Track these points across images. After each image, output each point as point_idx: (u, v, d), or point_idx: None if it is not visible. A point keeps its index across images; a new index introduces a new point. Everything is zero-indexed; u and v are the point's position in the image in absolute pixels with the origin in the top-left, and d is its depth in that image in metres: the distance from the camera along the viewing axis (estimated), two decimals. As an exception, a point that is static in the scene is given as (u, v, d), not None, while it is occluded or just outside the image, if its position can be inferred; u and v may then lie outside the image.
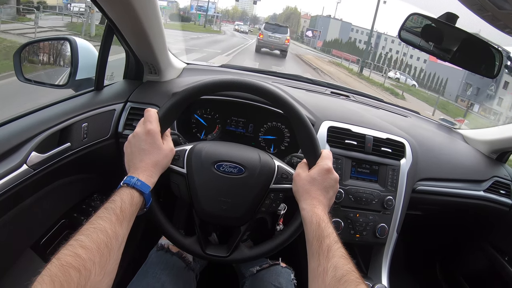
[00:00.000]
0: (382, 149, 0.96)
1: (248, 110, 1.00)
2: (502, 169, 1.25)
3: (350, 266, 0.49)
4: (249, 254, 0.68)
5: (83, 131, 0.84)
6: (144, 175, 0.58)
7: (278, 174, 0.67)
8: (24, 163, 0.68)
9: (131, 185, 0.55)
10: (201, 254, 0.67)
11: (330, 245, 0.52)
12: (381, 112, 1.23)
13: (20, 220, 0.73)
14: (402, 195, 0.96)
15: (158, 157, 0.61)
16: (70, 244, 0.44)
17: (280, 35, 15.31)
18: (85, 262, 0.42)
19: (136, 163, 0.59)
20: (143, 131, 0.61)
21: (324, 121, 0.96)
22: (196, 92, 0.67)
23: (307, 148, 0.67)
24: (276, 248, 0.68)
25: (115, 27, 0.83)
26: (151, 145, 0.60)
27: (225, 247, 0.69)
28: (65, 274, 0.40)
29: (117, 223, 0.49)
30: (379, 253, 0.97)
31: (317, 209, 0.58)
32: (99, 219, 0.48)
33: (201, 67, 1.24)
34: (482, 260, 1.36)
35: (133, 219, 0.54)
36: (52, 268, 0.40)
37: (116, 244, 0.48)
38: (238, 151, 0.69)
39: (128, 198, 0.53)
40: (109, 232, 0.47)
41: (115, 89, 0.97)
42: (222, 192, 0.66)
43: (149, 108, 0.64)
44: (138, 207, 0.55)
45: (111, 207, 0.50)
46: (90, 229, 0.46)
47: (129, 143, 0.62)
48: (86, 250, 0.43)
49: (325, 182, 0.62)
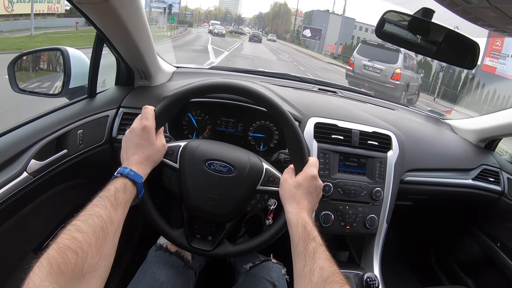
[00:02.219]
0: (369, 142, 0.98)
1: (237, 110, 1.03)
2: (491, 157, 1.28)
3: (334, 268, 0.51)
4: (232, 250, 0.72)
5: (78, 138, 0.87)
6: (136, 166, 0.61)
7: (266, 176, 0.71)
8: (24, 170, 0.71)
9: (124, 174, 0.58)
10: (186, 246, 0.71)
11: (315, 247, 0.55)
12: (368, 106, 1.25)
13: (21, 225, 0.76)
14: (390, 186, 0.99)
15: (151, 151, 0.64)
16: (67, 229, 0.45)
17: (383, 66, 8.13)
18: (82, 244, 0.44)
19: (130, 156, 0.63)
20: (139, 127, 0.65)
21: (311, 117, 0.99)
22: (192, 93, 0.70)
23: (293, 150, 0.70)
24: (261, 244, 0.71)
25: (104, 36, 0.86)
26: (145, 140, 0.64)
27: (210, 242, 0.73)
28: (63, 255, 0.41)
29: (111, 209, 0.51)
30: (370, 244, 1.00)
31: (302, 213, 0.61)
32: (94, 206, 0.50)
33: (190, 70, 1.27)
34: (474, 246, 1.39)
35: (127, 206, 0.56)
36: (50, 251, 0.41)
37: (112, 228, 0.50)
38: (229, 152, 0.73)
39: (121, 186, 0.56)
40: (104, 217, 0.49)
41: (108, 95, 1.00)
42: (211, 188, 0.69)
43: (147, 105, 0.68)
44: (131, 195, 0.58)
45: (105, 195, 0.53)
46: (86, 215, 0.48)
47: (126, 138, 0.66)
48: (82, 234, 0.45)
49: (310, 188, 0.65)
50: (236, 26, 73.08)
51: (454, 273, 1.45)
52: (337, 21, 44.68)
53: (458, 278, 1.42)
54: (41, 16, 15.02)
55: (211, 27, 34.80)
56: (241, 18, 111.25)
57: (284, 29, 75.93)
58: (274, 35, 54.80)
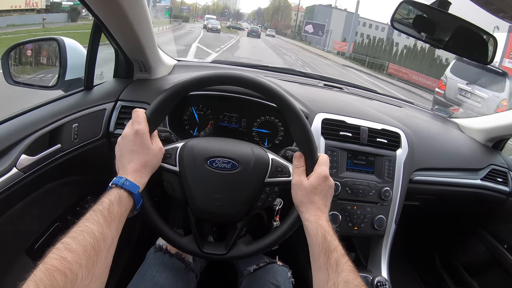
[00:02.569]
0: (378, 140, 0.95)
1: (240, 105, 0.99)
2: (499, 157, 1.25)
3: (359, 280, 0.49)
4: (247, 251, 0.67)
5: (73, 132, 0.83)
6: (133, 175, 0.57)
7: (273, 167, 0.66)
8: (13, 166, 0.67)
9: (119, 185, 0.54)
10: (198, 253, 0.66)
11: (338, 258, 0.52)
12: (375, 103, 1.22)
13: (12, 224, 0.72)
14: (399, 186, 0.95)
15: (147, 157, 0.60)
16: (57, 247, 0.43)
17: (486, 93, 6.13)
18: (71, 265, 0.41)
19: (125, 164, 0.59)
20: (132, 132, 0.60)
21: (318, 113, 0.96)
22: (183, 88, 0.66)
23: (302, 145, 0.66)
24: (274, 242, 0.67)
25: (102, 25, 0.81)
26: (140, 146, 0.60)
27: (223, 245, 0.68)
28: (50, 278, 0.39)
29: (105, 224, 0.48)
30: (378, 245, 0.97)
31: (321, 221, 0.59)
32: (86, 221, 0.47)
33: (192, 63, 1.23)
34: (481, 248, 1.36)
35: (123, 220, 0.53)
36: (38, 273, 0.39)
37: (105, 247, 0.46)
38: (230, 146, 0.68)
39: (116, 198, 0.52)
40: (96, 234, 0.46)
41: (105, 88, 0.96)
42: (216, 188, 0.65)
43: (137, 109, 0.64)
44: (127, 207, 0.54)
45: (99, 208, 0.49)
46: (77, 231, 0.45)
47: (119, 145, 0.61)
48: (72, 253, 0.42)
49: (325, 190, 0.62)
50: (234, 22, 67.48)
51: (459, 274, 1.43)
52: (340, 16, 42.46)
53: (463, 279, 1.40)
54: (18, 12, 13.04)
55: (206, 22, 30.93)
56: (240, 14, 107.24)
57: (284, 25, 70.80)
58: (273, 30, 51.02)
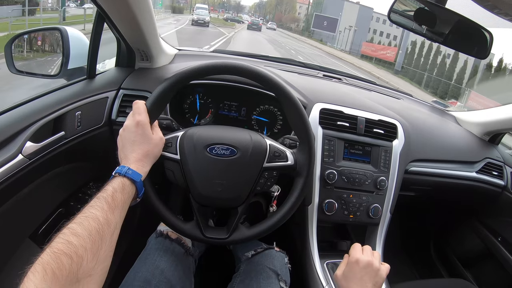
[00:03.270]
0: (375, 130, 0.97)
1: (240, 94, 1.00)
2: (495, 151, 1.27)
3: None
4: (249, 234, 0.70)
5: (76, 120, 0.84)
6: (135, 164, 0.59)
7: (271, 152, 0.69)
8: (19, 153, 0.68)
9: (122, 174, 0.56)
10: (201, 238, 0.69)
11: None
12: (373, 94, 1.23)
13: (17, 210, 0.74)
14: (395, 176, 0.97)
15: (148, 146, 0.62)
16: (62, 232, 0.44)
17: None
18: (77, 248, 0.42)
19: (128, 154, 0.60)
20: (133, 124, 0.62)
21: (316, 103, 0.97)
22: (182, 79, 0.67)
23: (299, 130, 0.68)
24: (275, 225, 0.69)
25: (105, 14, 0.83)
26: (141, 136, 0.61)
27: (224, 229, 0.71)
28: (57, 261, 0.40)
29: (109, 210, 0.50)
30: (373, 234, 0.99)
31: None
32: (91, 208, 0.49)
33: (193, 52, 1.24)
34: (475, 240, 1.39)
35: (126, 207, 0.55)
36: (44, 256, 0.40)
37: (109, 231, 0.48)
38: (229, 133, 0.70)
39: (119, 186, 0.54)
40: (101, 219, 0.48)
41: (107, 77, 0.97)
42: (216, 174, 0.67)
43: (137, 100, 0.65)
44: (130, 195, 0.56)
45: (103, 196, 0.51)
46: (82, 217, 0.47)
47: (120, 137, 0.63)
48: (77, 237, 0.44)
49: (358, 274, 0.66)
50: (234, 14, 60.13)
51: (453, 265, 1.45)
52: (353, 10, 37.09)
53: (457, 270, 1.42)
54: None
55: (195, 16, 21.70)
56: (241, 6, 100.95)
57: (289, 18, 63.98)
58: (274, 23, 48.40)
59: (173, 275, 0.73)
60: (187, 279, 0.77)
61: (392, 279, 0.98)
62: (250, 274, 0.79)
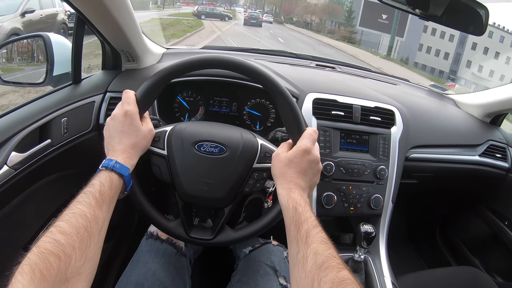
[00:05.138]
0: (371, 118, 0.94)
1: (230, 89, 0.97)
2: (497, 132, 1.24)
3: (331, 251, 0.46)
4: (234, 236, 0.67)
5: (63, 126, 0.82)
6: (122, 157, 0.57)
7: (261, 153, 0.66)
8: (4, 164, 0.67)
9: (109, 168, 0.54)
10: (185, 237, 0.66)
11: (308, 230, 0.49)
12: (368, 81, 1.20)
13: (7, 222, 0.72)
14: (395, 164, 0.95)
15: (136, 138, 0.60)
16: (50, 231, 0.43)
17: None
18: (65, 247, 0.41)
19: (115, 145, 0.58)
20: (121, 113, 0.60)
21: (309, 93, 0.94)
22: (173, 71, 0.65)
23: (290, 125, 0.64)
24: (262, 228, 0.67)
25: (84, 18, 0.80)
26: (129, 127, 0.59)
27: (210, 230, 0.68)
28: (45, 261, 0.39)
29: (96, 206, 0.48)
30: (375, 225, 0.96)
31: (293, 193, 0.55)
32: (78, 203, 0.47)
33: (181, 50, 1.22)
34: (481, 226, 1.36)
35: (113, 202, 0.53)
36: (32, 256, 0.39)
37: (97, 228, 0.47)
38: (219, 130, 0.68)
39: (107, 181, 0.52)
40: (88, 216, 0.46)
41: (93, 80, 0.95)
42: (203, 172, 0.64)
43: (127, 90, 0.63)
44: (118, 190, 0.55)
45: (90, 191, 0.50)
46: (69, 214, 0.46)
47: (108, 126, 0.61)
48: (65, 236, 0.42)
49: (302, 164, 0.58)
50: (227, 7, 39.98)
51: (461, 252, 1.43)
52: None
53: (465, 257, 1.40)
54: None
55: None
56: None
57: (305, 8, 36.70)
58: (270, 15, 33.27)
59: (166, 277, 0.71)
60: (180, 280, 0.75)
61: (398, 269, 0.96)
62: (248, 272, 0.77)
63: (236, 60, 0.65)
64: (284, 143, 0.64)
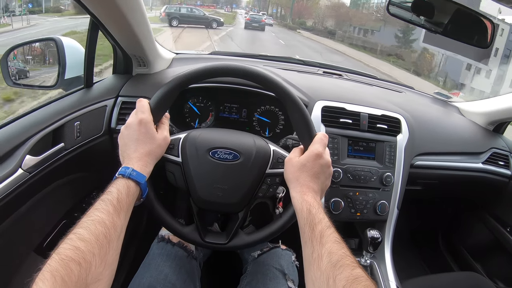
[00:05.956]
0: (378, 125, 0.95)
1: (240, 95, 0.99)
2: (500, 140, 1.25)
3: (344, 250, 0.48)
4: (248, 240, 0.69)
5: (76, 130, 0.83)
6: (138, 164, 0.58)
7: (274, 158, 0.67)
8: (19, 167, 0.68)
9: (126, 175, 0.55)
10: (200, 242, 0.68)
11: (322, 230, 0.51)
12: (375, 89, 1.22)
13: (20, 224, 0.73)
14: (401, 171, 0.96)
15: (151, 146, 0.61)
16: (69, 238, 0.44)
17: None
18: (85, 254, 0.42)
19: (130, 153, 0.59)
20: (136, 121, 0.61)
21: (318, 101, 0.96)
22: (187, 80, 0.66)
23: (301, 131, 0.66)
24: (275, 232, 0.68)
25: (99, 23, 0.82)
26: (144, 135, 0.60)
27: (224, 234, 0.69)
28: (66, 268, 0.40)
29: (114, 213, 0.49)
30: (381, 231, 0.97)
31: (307, 196, 0.57)
32: (96, 211, 0.48)
33: (191, 56, 1.23)
34: (484, 231, 1.37)
35: (130, 209, 0.54)
36: (52, 263, 0.40)
37: (115, 235, 0.48)
38: (232, 137, 0.69)
39: (124, 188, 0.53)
40: (107, 223, 0.47)
41: (105, 85, 0.96)
42: (217, 179, 0.65)
43: (141, 98, 0.64)
44: (135, 197, 0.55)
45: (108, 198, 0.50)
46: (88, 221, 0.46)
47: (122, 135, 0.62)
48: (85, 243, 0.43)
49: (315, 168, 0.60)
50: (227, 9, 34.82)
51: (463, 258, 1.44)
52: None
53: (467, 263, 1.41)
54: None
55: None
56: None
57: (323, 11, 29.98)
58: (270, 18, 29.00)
59: (178, 279, 0.72)
60: (191, 282, 0.76)
61: (402, 274, 0.97)
62: (257, 275, 0.78)
63: (249, 69, 0.66)
64: (296, 149, 0.66)
